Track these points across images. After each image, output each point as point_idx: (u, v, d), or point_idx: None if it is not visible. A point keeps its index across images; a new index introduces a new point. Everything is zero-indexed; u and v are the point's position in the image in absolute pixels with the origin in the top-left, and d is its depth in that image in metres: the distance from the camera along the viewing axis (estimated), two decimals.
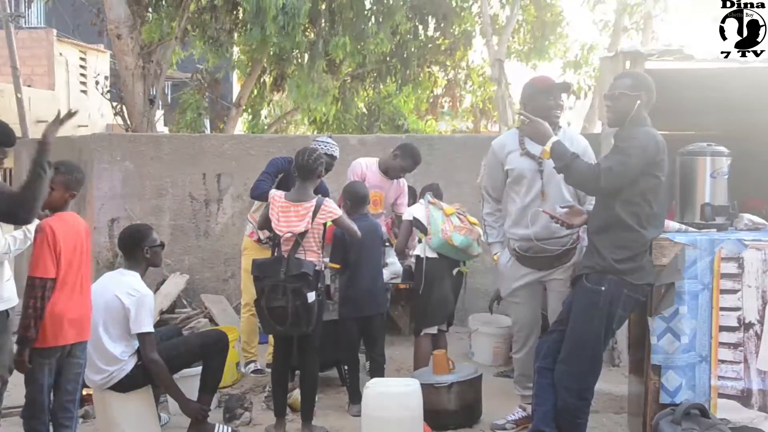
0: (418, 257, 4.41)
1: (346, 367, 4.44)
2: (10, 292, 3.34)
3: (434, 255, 4.32)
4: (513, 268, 3.83)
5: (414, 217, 4.41)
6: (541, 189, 3.68)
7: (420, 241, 4.46)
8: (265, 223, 3.98)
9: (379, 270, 4.43)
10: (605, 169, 3.14)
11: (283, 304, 3.64)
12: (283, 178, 4.60)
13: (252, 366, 4.95)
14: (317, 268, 3.76)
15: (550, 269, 3.72)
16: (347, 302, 4.28)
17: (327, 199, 3.91)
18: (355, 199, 4.29)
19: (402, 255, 4.76)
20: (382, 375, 4.28)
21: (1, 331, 3.29)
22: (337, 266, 4.26)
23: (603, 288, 3.14)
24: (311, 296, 3.67)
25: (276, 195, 3.89)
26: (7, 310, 3.31)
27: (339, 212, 3.86)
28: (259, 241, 4.80)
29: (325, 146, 4.54)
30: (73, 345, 3.35)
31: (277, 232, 3.78)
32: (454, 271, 4.42)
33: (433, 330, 4.43)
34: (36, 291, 3.19)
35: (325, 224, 3.85)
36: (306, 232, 3.73)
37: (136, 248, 3.74)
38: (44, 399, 3.30)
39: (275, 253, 3.81)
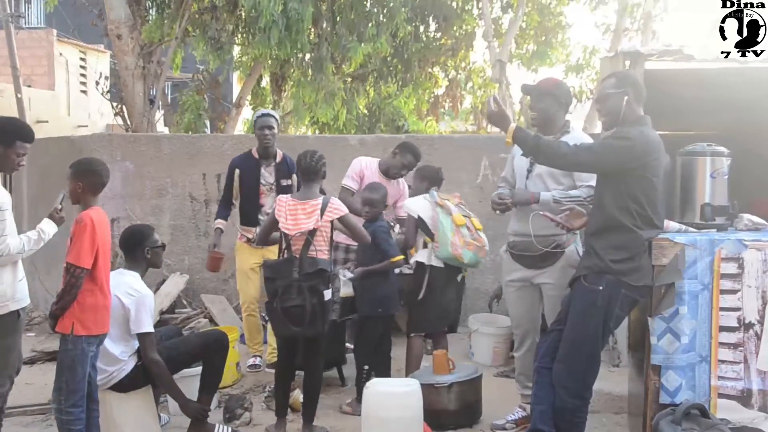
0: (421, 263, 4.27)
1: (366, 368, 4.35)
2: (22, 293, 3.35)
3: (440, 264, 4.22)
4: (507, 262, 3.88)
5: (419, 217, 4.24)
6: (524, 188, 3.74)
7: (425, 245, 4.29)
8: (265, 237, 4.00)
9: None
10: (581, 145, 3.24)
11: (299, 303, 3.61)
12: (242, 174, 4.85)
13: (252, 360, 4.97)
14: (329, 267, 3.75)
15: (536, 270, 3.72)
16: (383, 301, 4.27)
17: (333, 197, 3.91)
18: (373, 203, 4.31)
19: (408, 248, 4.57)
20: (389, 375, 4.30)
21: (12, 331, 3.30)
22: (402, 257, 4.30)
23: (600, 288, 3.15)
24: (327, 294, 3.66)
25: (282, 197, 3.90)
26: (18, 310, 3.32)
27: (345, 210, 3.84)
28: (248, 241, 4.82)
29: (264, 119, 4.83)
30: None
31: (286, 231, 3.76)
32: (459, 278, 4.40)
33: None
34: (72, 278, 3.23)
35: (332, 223, 3.82)
36: (316, 230, 3.72)
37: (137, 248, 3.75)
38: (84, 387, 3.34)
39: (284, 254, 3.79)
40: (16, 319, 3.31)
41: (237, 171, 4.88)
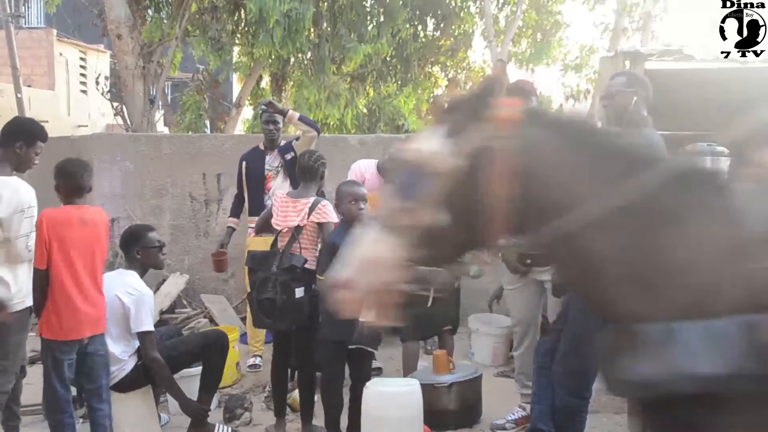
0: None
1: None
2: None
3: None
4: None
5: None
6: None
7: None
8: (261, 224, 4.13)
9: None
10: None
11: (271, 296, 3.68)
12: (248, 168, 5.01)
13: (252, 360, 4.97)
14: (308, 266, 3.75)
15: None
16: None
17: (325, 200, 3.92)
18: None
19: None
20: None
21: (24, 327, 3.35)
22: None
23: None
24: (299, 291, 3.67)
25: (279, 192, 3.98)
26: (30, 307, 3.34)
27: (332, 219, 3.80)
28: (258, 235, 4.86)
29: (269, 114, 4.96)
30: (91, 338, 3.38)
31: (275, 226, 3.84)
32: (455, 285, 4.40)
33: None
34: (35, 281, 3.28)
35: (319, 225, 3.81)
36: (302, 227, 3.75)
37: (131, 249, 3.77)
38: (67, 393, 3.33)
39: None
40: (27, 315, 3.34)
41: (244, 163, 5.08)
